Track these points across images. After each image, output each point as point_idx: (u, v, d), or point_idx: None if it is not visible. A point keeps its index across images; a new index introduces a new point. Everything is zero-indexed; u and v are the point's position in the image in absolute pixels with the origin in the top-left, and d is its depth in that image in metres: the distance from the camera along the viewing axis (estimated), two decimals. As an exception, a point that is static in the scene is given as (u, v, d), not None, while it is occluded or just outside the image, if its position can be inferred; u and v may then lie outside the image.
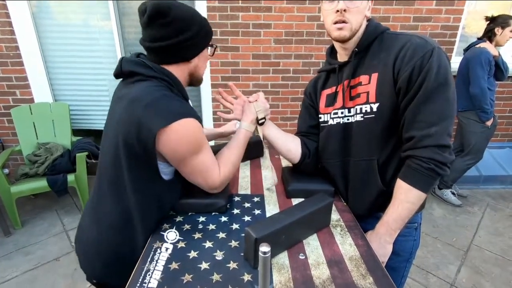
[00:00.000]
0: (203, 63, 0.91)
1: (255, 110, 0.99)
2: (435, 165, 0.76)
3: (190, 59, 0.85)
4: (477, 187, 2.96)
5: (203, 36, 0.85)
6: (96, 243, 0.85)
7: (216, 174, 0.87)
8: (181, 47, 0.81)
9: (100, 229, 0.85)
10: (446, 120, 0.76)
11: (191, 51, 0.85)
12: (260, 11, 2.62)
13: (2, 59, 2.61)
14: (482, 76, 2.29)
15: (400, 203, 0.81)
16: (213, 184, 0.88)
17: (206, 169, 0.85)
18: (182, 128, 0.75)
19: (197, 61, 0.88)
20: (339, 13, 0.81)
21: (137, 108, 0.74)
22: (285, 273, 0.70)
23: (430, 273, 1.90)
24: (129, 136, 0.75)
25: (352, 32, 0.84)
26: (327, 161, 1.02)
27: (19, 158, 2.87)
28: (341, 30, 0.83)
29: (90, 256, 0.88)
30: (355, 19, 0.82)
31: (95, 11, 2.66)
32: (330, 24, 0.84)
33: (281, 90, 2.89)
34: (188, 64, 0.86)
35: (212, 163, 0.86)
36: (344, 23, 0.82)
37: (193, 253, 0.76)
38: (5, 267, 1.92)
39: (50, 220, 2.42)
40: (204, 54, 0.89)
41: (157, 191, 0.85)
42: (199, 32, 0.82)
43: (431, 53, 0.75)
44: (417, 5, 2.66)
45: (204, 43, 0.87)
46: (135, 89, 0.78)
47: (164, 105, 0.75)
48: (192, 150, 0.80)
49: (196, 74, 0.91)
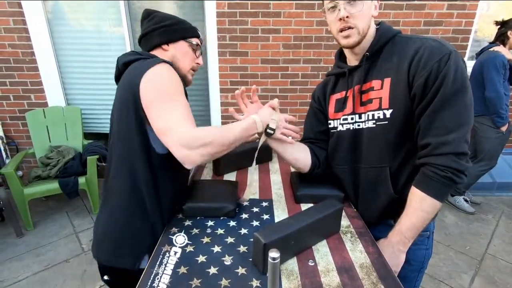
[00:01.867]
0: (182, 57, 0.96)
1: (271, 115, 0.93)
2: (452, 173, 0.74)
3: (161, 44, 0.94)
4: (491, 194, 2.88)
5: (178, 29, 0.95)
6: (105, 224, 0.89)
7: (187, 125, 0.74)
8: (154, 33, 0.94)
9: (109, 210, 0.88)
10: (464, 126, 0.73)
11: (162, 37, 0.94)
12: (269, 16, 2.64)
13: (18, 64, 2.70)
14: (498, 80, 2.24)
15: (414, 212, 0.79)
16: (180, 135, 0.73)
17: (176, 116, 0.75)
18: (157, 69, 0.81)
19: (174, 51, 0.95)
20: (343, 21, 0.80)
21: (125, 79, 0.84)
22: (294, 280, 0.69)
23: (443, 282, 1.85)
24: (124, 102, 0.82)
25: (361, 36, 0.82)
26: (336, 167, 1.01)
27: (32, 160, 2.94)
28: (349, 37, 0.82)
29: (99, 237, 0.90)
30: (360, 22, 0.81)
31: (107, 17, 2.72)
32: (337, 32, 0.84)
33: (290, 95, 2.89)
34: (164, 51, 0.95)
35: (186, 115, 0.76)
36: (350, 29, 0.81)
37: (201, 257, 0.76)
38: (17, 268, 1.95)
39: (61, 222, 2.46)
40: (182, 47, 0.96)
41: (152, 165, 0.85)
42: (172, 24, 0.94)
43: (448, 57, 0.72)
44: (427, 9, 2.64)
45: (178, 35, 0.95)
46: (126, 72, 0.87)
47: (142, 62, 0.84)
48: (165, 92, 0.78)
49: (176, 66, 0.94)
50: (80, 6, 2.68)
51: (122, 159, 0.85)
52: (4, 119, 2.85)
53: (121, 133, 0.85)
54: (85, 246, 2.17)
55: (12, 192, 2.24)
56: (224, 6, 2.60)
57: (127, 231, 0.86)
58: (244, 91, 1.00)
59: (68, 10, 2.71)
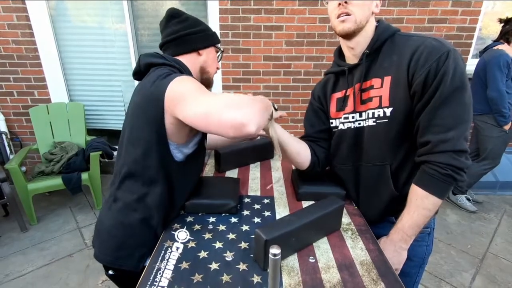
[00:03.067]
0: (212, 62, 0.99)
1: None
2: (452, 170, 0.74)
3: (200, 49, 0.95)
4: (493, 193, 2.87)
5: (211, 34, 0.98)
6: (109, 227, 0.88)
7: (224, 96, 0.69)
8: (193, 37, 0.93)
9: (112, 214, 0.88)
10: (463, 124, 0.74)
11: (201, 42, 0.95)
12: (272, 13, 2.63)
13: (22, 60, 2.71)
14: (501, 79, 2.23)
15: (415, 210, 0.79)
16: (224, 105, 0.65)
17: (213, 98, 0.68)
18: (182, 78, 0.77)
19: (206, 57, 0.96)
20: (342, 6, 0.79)
21: (145, 89, 0.79)
22: (295, 276, 0.70)
23: (444, 280, 1.85)
24: (144, 113, 0.78)
25: (357, 25, 0.81)
26: (338, 167, 1.01)
27: (35, 156, 2.96)
28: (344, 22, 0.81)
29: (103, 240, 0.90)
30: (359, 11, 0.80)
31: (110, 14, 2.73)
32: (334, 19, 0.83)
33: (292, 92, 2.88)
34: (198, 56, 0.95)
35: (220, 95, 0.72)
36: (347, 15, 0.80)
37: (203, 253, 0.77)
38: (21, 262, 1.98)
39: (64, 217, 2.49)
40: (212, 52, 0.99)
41: (170, 172, 0.85)
42: (207, 29, 0.96)
43: (447, 55, 0.73)
44: (432, 6, 2.61)
45: (211, 40, 0.98)
46: (148, 76, 0.84)
47: (166, 75, 0.78)
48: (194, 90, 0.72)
49: (206, 71, 0.98)
50: (83, 3, 2.68)
51: (135, 170, 0.83)
52: (8, 115, 2.87)
53: (134, 141, 0.82)
54: (88, 241, 2.19)
55: (16, 187, 2.26)
56: (227, 2, 2.59)
57: (130, 235, 0.86)
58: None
59: (71, 7, 2.71)
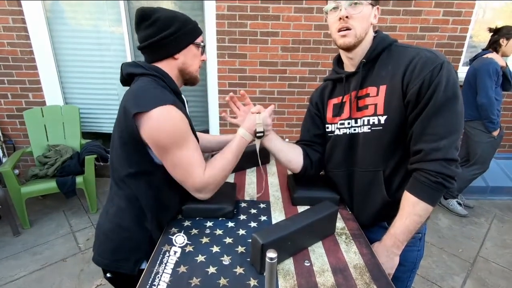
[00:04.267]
0: (192, 60, 0.94)
1: (255, 122, 0.96)
2: (443, 178, 0.77)
3: (173, 54, 0.90)
4: (484, 198, 2.93)
5: (186, 33, 0.89)
6: (106, 230, 0.91)
7: (198, 174, 0.84)
8: (163, 43, 0.87)
9: (109, 218, 0.91)
10: (454, 134, 0.77)
11: (173, 47, 0.89)
12: (268, 19, 2.67)
13: (16, 62, 2.70)
14: (490, 86, 2.29)
15: (407, 216, 0.81)
16: (194, 184, 0.85)
17: (188, 165, 0.83)
18: (161, 114, 0.77)
19: (184, 58, 0.91)
20: (342, 21, 0.83)
21: (125, 99, 0.83)
22: (290, 279, 0.72)
23: (435, 284, 1.88)
24: (120, 124, 0.82)
25: (357, 38, 0.85)
26: (332, 171, 1.03)
27: (29, 159, 2.93)
28: (345, 37, 0.84)
29: (101, 243, 0.92)
30: (359, 25, 0.83)
31: (107, 17, 2.73)
32: (335, 32, 0.86)
33: (287, 97, 2.92)
34: (174, 60, 0.91)
35: (196, 161, 0.84)
36: (348, 30, 0.83)
37: (200, 257, 0.78)
38: (13, 267, 1.95)
39: (58, 221, 2.46)
40: (191, 51, 0.92)
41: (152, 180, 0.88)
42: (180, 29, 0.87)
43: (441, 67, 0.76)
44: (424, 15, 2.68)
45: (187, 40, 0.91)
46: (131, 86, 0.88)
47: (146, 92, 0.81)
48: (173, 141, 0.80)
49: (187, 71, 0.94)
50: (80, 6, 2.68)
51: (124, 178, 0.87)
52: (2, 118, 2.84)
53: (119, 152, 0.86)
54: (82, 245, 2.17)
55: (9, 190, 2.24)
56: (224, 8, 2.63)
57: (126, 238, 0.89)
58: (232, 96, 1.08)
59: (68, 9, 2.71)
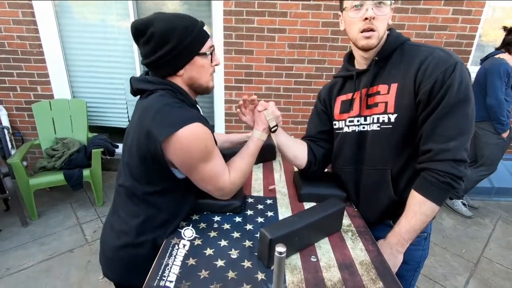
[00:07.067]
0: (199, 73, 0.86)
1: (266, 119, 0.97)
2: (451, 178, 0.77)
3: (174, 73, 0.84)
4: (489, 199, 2.91)
5: (186, 47, 0.80)
6: (115, 248, 0.88)
7: (226, 179, 0.88)
8: (161, 63, 0.81)
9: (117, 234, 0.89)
10: (465, 135, 0.77)
11: (173, 65, 0.83)
12: (275, 16, 2.66)
13: (26, 56, 2.72)
14: (500, 87, 2.27)
15: (413, 215, 0.82)
16: (223, 190, 0.89)
17: (216, 175, 0.86)
18: (189, 134, 0.75)
19: (189, 73, 0.84)
20: (368, 21, 0.80)
21: (146, 118, 0.78)
22: (298, 274, 0.73)
23: (438, 283, 1.89)
24: (140, 144, 0.79)
25: (379, 40, 0.84)
26: (340, 168, 1.04)
27: (37, 151, 2.97)
28: (369, 38, 0.83)
29: (110, 260, 0.92)
30: (382, 26, 0.82)
31: (115, 12, 2.75)
32: (357, 32, 0.84)
33: (293, 94, 2.91)
34: (179, 77, 0.85)
35: (222, 169, 0.87)
36: (372, 31, 0.82)
37: (209, 250, 0.80)
38: (22, 256, 2.00)
39: (65, 212, 2.50)
40: (196, 64, 0.84)
41: (176, 192, 0.88)
42: (178, 45, 0.79)
43: (454, 67, 0.75)
44: (433, 14, 2.65)
45: (188, 55, 0.82)
46: (146, 101, 0.83)
47: (169, 113, 0.77)
48: (201, 158, 0.80)
49: (196, 85, 0.88)
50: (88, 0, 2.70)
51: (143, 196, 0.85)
52: (11, 110, 2.88)
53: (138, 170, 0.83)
54: (89, 237, 2.21)
55: (18, 182, 2.28)
56: (231, 4, 2.62)
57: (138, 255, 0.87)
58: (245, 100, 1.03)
59: (76, 4, 2.72)
